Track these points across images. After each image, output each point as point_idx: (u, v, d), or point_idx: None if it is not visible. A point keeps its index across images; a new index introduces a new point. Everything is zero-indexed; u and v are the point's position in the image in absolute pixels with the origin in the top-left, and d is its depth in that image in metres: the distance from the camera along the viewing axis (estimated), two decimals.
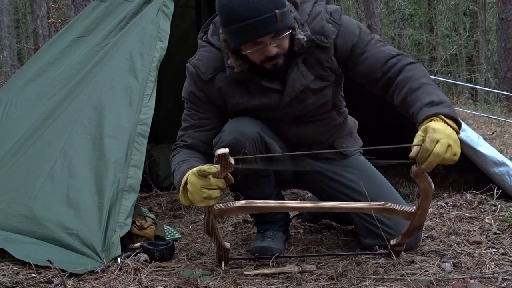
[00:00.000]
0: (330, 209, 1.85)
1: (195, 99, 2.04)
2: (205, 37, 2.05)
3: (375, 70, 1.91)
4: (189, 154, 1.98)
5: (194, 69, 2.01)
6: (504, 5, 9.53)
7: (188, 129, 2.05)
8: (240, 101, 1.98)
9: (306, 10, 1.94)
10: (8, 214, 2.26)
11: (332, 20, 1.94)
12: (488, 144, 2.81)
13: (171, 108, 4.17)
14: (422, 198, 1.73)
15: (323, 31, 1.92)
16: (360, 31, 1.95)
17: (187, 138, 2.04)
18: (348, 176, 2.11)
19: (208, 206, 1.73)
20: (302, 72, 1.94)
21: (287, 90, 1.95)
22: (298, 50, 1.89)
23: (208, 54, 2.00)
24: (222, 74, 1.97)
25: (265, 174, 2.07)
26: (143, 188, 3.31)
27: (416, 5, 19.25)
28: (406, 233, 1.85)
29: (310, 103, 2.00)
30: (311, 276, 1.81)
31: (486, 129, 6.50)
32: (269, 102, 1.97)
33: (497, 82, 12.28)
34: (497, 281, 1.66)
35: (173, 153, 2.04)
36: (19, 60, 16.47)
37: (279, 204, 1.83)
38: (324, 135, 2.12)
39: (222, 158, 1.63)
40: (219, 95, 2.00)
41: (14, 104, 2.86)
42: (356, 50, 1.93)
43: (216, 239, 1.85)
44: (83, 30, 3.03)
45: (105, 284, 1.81)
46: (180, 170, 1.86)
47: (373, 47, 1.93)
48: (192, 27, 4.05)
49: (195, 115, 2.05)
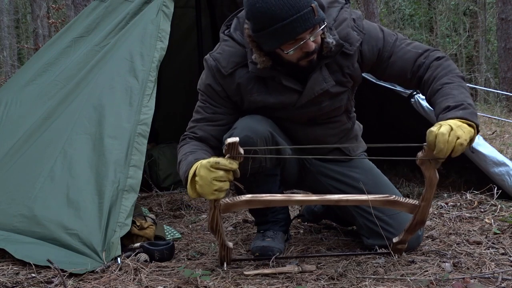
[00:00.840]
0: (336, 202, 1.86)
1: (211, 93, 2.02)
2: (228, 31, 2.03)
3: (405, 72, 1.95)
4: (197, 146, 1.96)
5: (214, 63, 1.98)
6: (504, 5, 9.53)
7: (200, 122, 2.03)
8: (258, 98, 1.98)
9: (332, 14, 1.95)
10: (8, 214, 2.25)
11: (357, 27, 1.96)
12: (488, 144, 2.81)
13: (171, 108, 4.19)
14: (426, 188, 1.74)
15: (347, 38, 1.93)
16: (383, 33, 1.98)
17: (197, 130, 2.02)
18: (352, 175, 2.12)
19: (215, 201, 1.72)
20: (324, 76, 1.95)
21: (306, 91, 1.96)
22: (325, 53, 1.90)
23: (229, 49, 1.98)
24: (242, 70, 1.96)
25: (273, 173, 2.08)
26: (143, 188, 3.32)
27: (416, 5, 19.24)
28: (409, 228, 1.85)
29: (325, 106, 2.02)
30: (311, 276, 1.81)
31: (486, 129, 6.49)
32: (286, 101, 1.98)
33: (497, 82, 12.28)
34: (497, 281, 1.66)
35: (181, 143, 2.01)
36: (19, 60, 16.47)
37: (285, 197, 1.83)
38: (333, 137, 2.13)
39: (232, 147, 1.63)
40: (237, 91, 1.99)
41: (14, 104, 2.86)
42: (383, 54, 1.97)
43: (220, 237, 1.84)
44: (83, 30, 3.03)
45: (105, 284, 1.81)
46: (186, 161, 1.84)
47: (399, 48, 1.96)
48: (192, 27, 4.06)
49: (209, 108, 2.02)
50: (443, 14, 18.43)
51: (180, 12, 3.81)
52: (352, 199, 1.84)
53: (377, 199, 1.80)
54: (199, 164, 1.71)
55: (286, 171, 2.14)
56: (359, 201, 1.85)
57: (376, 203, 1.81)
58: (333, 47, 1.89)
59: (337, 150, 2.17)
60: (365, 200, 1.80)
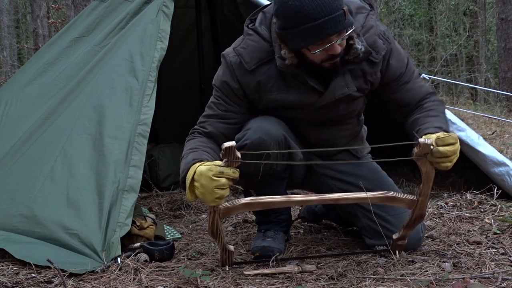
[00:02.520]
0: (335, 201, 1.85)
1: (227, 90, 1.98)
2: (252, 25, 1.98)
3: (412, 101, 2.01)
4: (202, 143, 1.92)
5: (238, 58, 1.94)
6: (504, 5, 9.53)
7: (211, 117, 1.99)
8: (277, 97, 1.96)
9: (359, 20, 1.93)
10: (8, 214, 2.25)
11: (383, 37, 1.97)
12: (488, 144, 2.81)
13: (171, 108, 4.19)
14: (423, 183, 1.76)
15: (374, 46, 1.94)
16: (408, 61, 2.05)
17: (208, 125, 1.98)
18: (359, 173, 2.11)
19: (214, 206, 1.72)
20: (346, 81, 1.95)
21: (326, 94, 1.95)
22: (352, 59, 1.90)
23: (253, 44, 1.94)
24: (264, 67, 1.94)
25: (282, 177, 2.08)
26: (143, 188, 3.31)
27: (416, 5, 19.24)
28: (408, 223, 1.86)
29: (341, 109, 2.03)
30: (311, 276, 1.81)
31: (486, 129, 6.50)
32: (305, 101, 1.96)
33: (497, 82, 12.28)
34: (497, 281, 1.66)
35: (189, 137, 1.98)
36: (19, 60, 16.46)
37: (284, 198, 1.83)
38: (343, 139, 2.13)
39: (228, 152, 1.62)
40: (257, 89, 1.96)
41: (14, 104, 2.86)
42: (402, 78, 2.02)
43: (221, 241, 1.84)
44: (83, 30, 3.03)
45: (105, 284, 1.81)
46: (186, 159, 1.81)
47: (415, 81, 2.05)
48: (192, 27, 4.05)
49: (222, 105, 1.99)
50: (443, 14, 18.43)
51: (180, 12, 3.81)
52: (351, 197, 1.84)
53: (376, 196, 1.80)
54: (196, 169, 1.69)
55: (294, 173, 2.14)
56: (358, 198, 1.85)
57: (375, 200, 1.81)
58: (361, 54, 1.89)
59: (345, 151, 2.17)
60: (364, 198, 1.80)
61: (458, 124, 2.73)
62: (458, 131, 2.71)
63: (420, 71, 14.18)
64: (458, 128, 2.71)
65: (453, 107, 8.33)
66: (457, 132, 2.71)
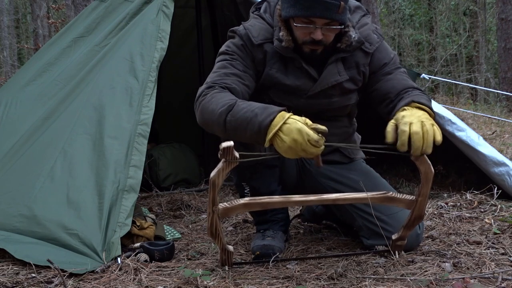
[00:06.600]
0: (333, 201, 1.86)
1: (243, 52, 2.00)
2: (257, 12, 2.11)
3: (393, 91, 2.01)
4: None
5: (245, 31, 2.02)
6: (504, 5, 9.53)
7: (229, 76, 1.91)
8: (275, 75, 2.01)
9: (355, 17, 2.06)
10: (8, 214, 2.25)
11: (377, 32, 2.09)
12: (488, 144, 2.81)
13: (171, 108, 4.19)
14: (422, 183, 1.77)
15: (368, 38, 2.05)
16: (394, 56, 2.10)
17: (229, 81, 1.89)
18: (351, 177, 2.14)
19: (213, 206, 1.72)
20: (338, 69, 2.03)
21: (320, 81, 2.02)
22: (344, 47, 1.98)
23: (259, 24, 2.04)
24: (269, 45, 2.01)
25: (273, 165, 2.08)
26: (143, 188, 3.32)
27: (416, 5, 19.23)
28: (408, 224, 1.87)
29: (334, 101, 2.08)
30: (311, 276, 1.81)
31: (486, 129, 6.50)
32: (301, 86, 2.02)
33: (497, 82, 12.28)
34: (497, 281, 1.66)
35: (211, 91, 1.84)
36: (19, 60, 16.48)
37: (283, 198, 1.83)
38: (335, 137, 2.12)
39: (226, 152, 1.62)
40: (263, 61, 2.01)
41: (14, 104, 2.86)
42: (385, 69, 2.06)
43: (220, 241, 1.84)
44: (83, 30, 3.03)
45: (105, 284, 1.81)
46: (252, 106, 1.70)
47: (399, 72, 2.07)
48: (192, 27, 4.06)
49: (240, 65, 1.97)
50: (443, 14, 18.43)
51: (180, 12, 3.81)
52: (350, 197, 1.85)
53: (375, 196, 1.81)
54: (292, 121, 1.62)
55: (285, 172, 2.14)
56: (357, 199, 1.85)
57: (374, 200, 1.81)
58: (353, 42, 1.97)
59: (338, 152, 2.19)
60: (363, 198, 1.81)
61: (458, 124, 2.73)
62: (458, 131, 2.71)
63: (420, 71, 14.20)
64: (458, 128, 2.72)
65: (453, 107, 8.34)
66: (457, 132, 2.72)
